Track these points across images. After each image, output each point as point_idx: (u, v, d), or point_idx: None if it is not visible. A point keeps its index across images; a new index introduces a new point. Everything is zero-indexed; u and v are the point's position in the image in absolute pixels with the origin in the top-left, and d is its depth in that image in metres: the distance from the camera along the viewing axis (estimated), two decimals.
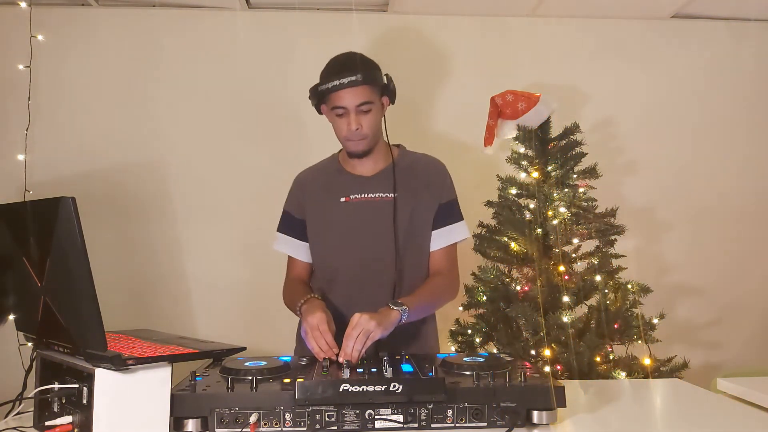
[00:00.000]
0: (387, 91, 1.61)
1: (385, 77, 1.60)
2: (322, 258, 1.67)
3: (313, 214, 1.67)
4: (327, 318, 1.41)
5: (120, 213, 2.73)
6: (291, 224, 1.71)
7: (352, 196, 1.63)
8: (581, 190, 2.30)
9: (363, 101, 1.53)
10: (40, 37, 2.62)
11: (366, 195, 1.63)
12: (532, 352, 2.13)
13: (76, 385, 1.03)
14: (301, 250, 1.70)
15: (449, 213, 1.67)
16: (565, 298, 2.16)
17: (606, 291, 2.23)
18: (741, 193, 2.95)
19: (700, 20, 2.94)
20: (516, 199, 2.36)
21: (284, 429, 1.06)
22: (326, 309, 1.46)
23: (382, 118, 1.64)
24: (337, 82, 1.52)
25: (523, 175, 2.36)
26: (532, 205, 2.30)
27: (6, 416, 1.13)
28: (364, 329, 1.32)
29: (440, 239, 1.66)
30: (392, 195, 1.61)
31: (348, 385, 1.05)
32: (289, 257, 1.73)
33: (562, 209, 2.25)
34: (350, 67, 1.54)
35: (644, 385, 1.50)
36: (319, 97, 1.58)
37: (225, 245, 2.78)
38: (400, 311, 1.42)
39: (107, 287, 1.34)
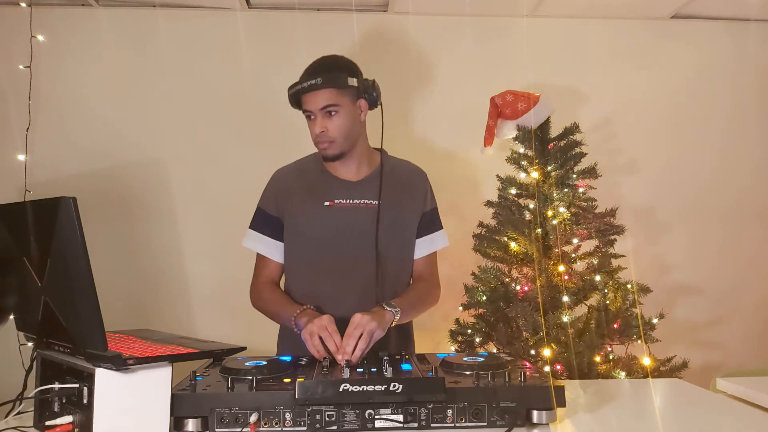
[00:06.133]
0: (363, 95, 1.58)
1: (356, 81, 1.54)
2: (300, 261, 1.63)
3: (293, 215, 1.62)
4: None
5: (120, 213, 2.73)
6: (266, 222, 1.66)
7: (336, 201, 1.60)
8: (581, 190, 2.31)
9: (326, 104, 1.53)
10: (40, 37, 2.63)
11: (351, 201, 1.60)
12: (532, 352, 2.13)
13: (77, 385, 1.03)
14: (274, 250, 1.66)
15: (431, 222, 1.70)
16: (565, 298, 2.16)
17: (606, 291, 2.23)
18: (741, 193, 2.95)
19: (700, 20, 2.94)
20: (516, 199, 2.36)
21: (284, 429, 1.06)
22: None
23: (362, 122, 1.61)
24: (299, 87, 1.55)
25: (522, 175, 2.36)
26: (532, 205, 2.30)
27: (6, 416, 1.13)
28: (367, 330, 1.33)
29: (423, 247, 1.67)
30: (376, 202, 1.60)
31: (348, 385, 1.05)
32: (260, 256, 1.69)
33: (561, 209, 2.25)
34: (313, 71, 1.55)
35: (644, 384, 1.50)
36: (294, 101, 1.60)
37: (225, 245, 2.77)
38: (393, 312, 1.43)
39: (107, 287, 1.34)
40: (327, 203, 1.60)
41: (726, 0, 2.80)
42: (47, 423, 1.06)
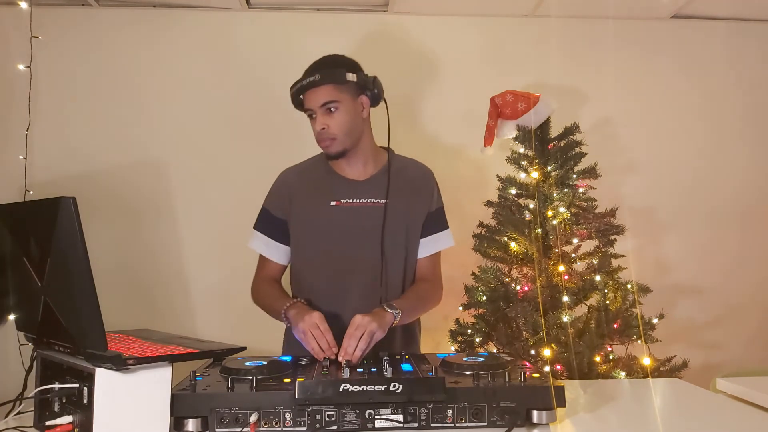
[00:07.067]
0: (364, 91, 1.58)
1: (355, 76, 1.54)
2: (307, 261, 1.63)
3: (300, 216, 1.63)
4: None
5: (120, 213, 2.73)
6: (269, 223, 1.66)
7: (343, 201, 1.60)
8: (581, 190, 2.30)
9: (326, 101, 1.53)
10: (40, 37, 2.62)
11: (358, 200, 1.60)
12: (532, 352, 2.13)
13: (77, 385, 1.03)
14: (275, 252, 1.66)
15: (437, 221, 1.68)
16: (565, 298, 2.16)
17: (606, 291, 2.23)
18: (741, 193, 2.95)
19: (700, 20, 2.94)
20: (516, 199, 2.36)
21: (284, 429, 1.06)
22: None
23: (364, 119, 1.61)
24: (299, 85, 1.56)
25: (522, 175, 2.36)
26: (532, 205, 2.30)
27: (6, 416, 1.13)
28: (368, 330, 1.33)
29: (427, 247, 1.66)
30: (383, 201, 1.60)
31: (348, 385, 1.05)
32: (261, 256, 1.69)
33: (561, 209, 2.25)
34: (312, 69, 1.56)
35: (644, 384, 1.50)
36: (296, 102, 1.60)
37: (225, 245, 2.77)
38: (394, 314, 1.43)
39: (107, 287, 1.34)
40: (333, 203, 1.60)
41: (726, 0, 2.80)
42: (47, 423, 1.06)
